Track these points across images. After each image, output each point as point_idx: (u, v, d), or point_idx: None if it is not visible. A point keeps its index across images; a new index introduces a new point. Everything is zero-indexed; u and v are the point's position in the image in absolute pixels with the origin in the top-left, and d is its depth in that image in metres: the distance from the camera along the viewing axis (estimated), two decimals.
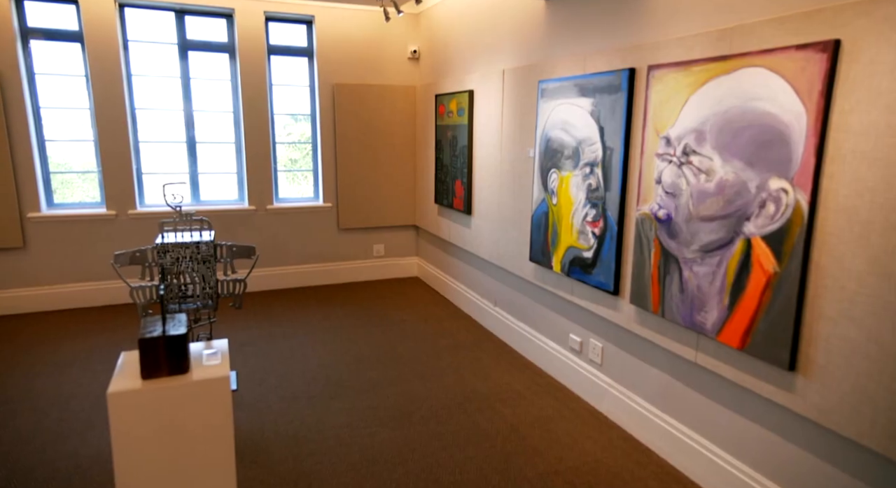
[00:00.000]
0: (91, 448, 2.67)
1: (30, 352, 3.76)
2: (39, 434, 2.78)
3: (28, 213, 4.38)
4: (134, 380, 1.64)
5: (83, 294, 4.63)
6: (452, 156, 4.56)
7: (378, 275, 5.66)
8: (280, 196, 5.25)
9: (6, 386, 3.27)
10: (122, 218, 4.66)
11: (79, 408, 3.03)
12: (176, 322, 1.78)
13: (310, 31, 5.05)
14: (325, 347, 3.92)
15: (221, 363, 1.76)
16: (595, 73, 2.84)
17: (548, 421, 2.95)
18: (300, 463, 2.57)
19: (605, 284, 2.86)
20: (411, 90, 5.34)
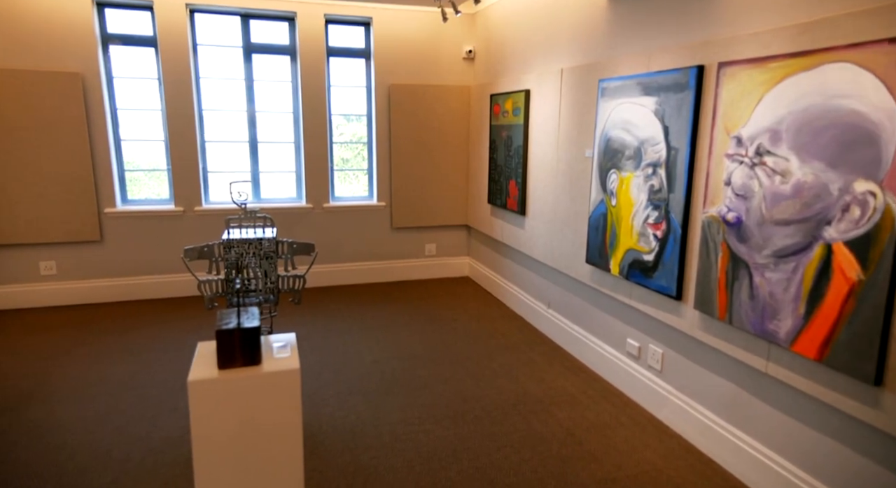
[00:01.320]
0: (162, 431, 2.81)
1: (105, 339, 3.99)
2: (115, 416, 2.94)
3: (105, 209, 4.65)
4: (211, 370, 1.72)
5: (153, 286, 4.88)
6: (507, 156, 4.54)
7: (429, 274, 5.70)
8: (335, 195, 5.37)
9: (85, 370, 3.48)
10: (189, 214, 4.88)
11: (150, 394, 3.19)
12: (250, 315, 1.85)
13: (367, 32, 5.14)
14: (378, 344, 3.98)
15: (291, 356, 1.82)
16: (660, 71, 2.76)
17: (605, 427, 2.89)
18: (357, 456, 2.62)
19: (667, 288, 2.78)
20: (466, 90, 5.35)
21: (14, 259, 4.52)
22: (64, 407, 3.03)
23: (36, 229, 4.48)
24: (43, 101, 4.31)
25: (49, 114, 4.34)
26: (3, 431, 2.77)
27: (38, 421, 2.88)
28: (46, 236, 4.52)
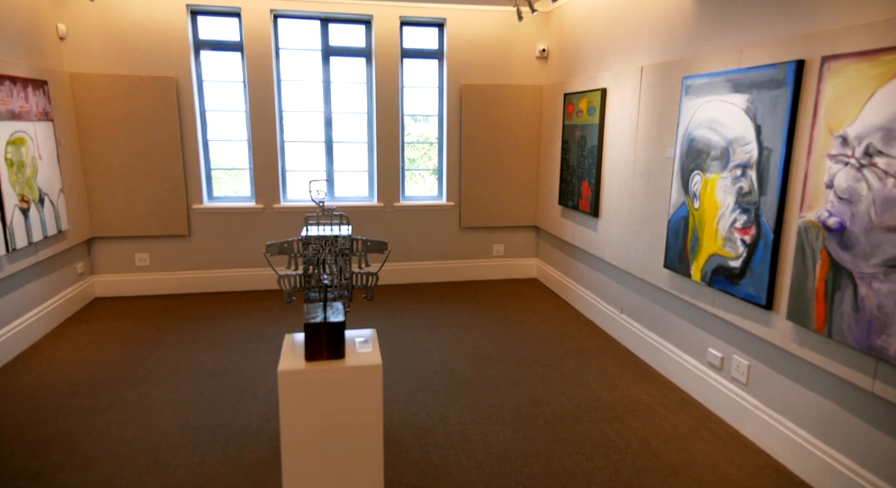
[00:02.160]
0: (244, 418, 2.95)
1: (192, 327, 4.24)
2: (201, 401, 3.13)
3: (193, 205, 4.95)
4: (299, 361, 1.79)
5: (235, 278, 5.15)
6: (580, 156, 4.44)
7: (497, 274, 5.68)
8: (405, 194, 5.45)
9: (174, 356, 3.72)
10: (269, 211, 5.10)
11: (232, 382, 3.37)
12: (335, 309, 1.91)
13: (441, 33, 5.18)
14: (446, 343, 4.01)
15: (373, 351, 1.87)
16: (752, 67, 2.61)
17: (683, 439, 2.77)
18: (427, 454, 2.65)
19: (756, 297, 2.62)
20: (538, 89, 5.29)
21: (114, 250, 4.90)
22: (156, 389, 3.24)
23: (133, 224, 4.83)
24: (141, 103, 4.64)
25: (146, 116, 4.67)
26: (104, 410, 3.01)
27: (133, 401, 3.10)
28: (142, 230, 4.86)
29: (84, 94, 4.54)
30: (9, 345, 3.62)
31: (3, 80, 3.52)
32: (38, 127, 3.93)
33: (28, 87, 3.81)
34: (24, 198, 3.73)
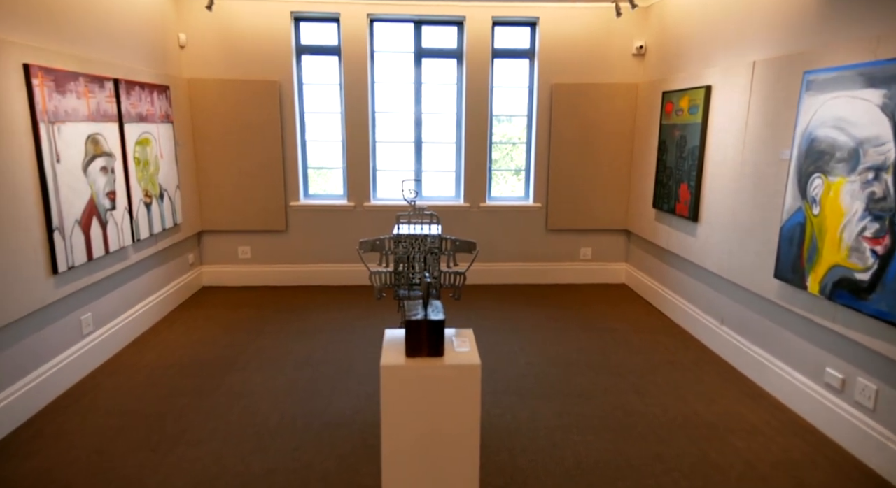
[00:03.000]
0: (336, 408, 3.06)
1: (288, 318, 4.47)
2: (297, 390, 3.28)
3: (290, 202, 5.21)
4: (400, 357, 1.83)
5: (327, 273, 5.37)
6: (679, 157, 4.22)
7: (584, 278, 5.52)
8: (491, 194, 5.44)
9: (272, 345, 3.93)
10: (359, 209, 5.28)
11: (325, 373, 3.51)
12: (435, 308, 1.94)
13: (533, 32, 5.12)
14: (531, 346, 3.95)
15: (471, 351, 1.87)
16: (891, 59, 2.35)
17: (795, 466, 2.55)
18: (514, 457, 2.62)
19: (888, 314, 2.36)
20: (633, 88, 5.08)
21: (220, 243, 5.27)
22: (257, 376, 3.44)
23: (237, 219, 5.17)
24: (248, 106, 4.95)
25: (252, 118, 4.97)
26: (211, 392, 3.23)
27: (236, 386, 3.31)
28: (244, 225, 5.19)
29: (199, 98, 4.91)
30: (133, 326, 3.98)
31: (134, 86, 3.88)
32: (161, 128, 4.30)
33: (153, 92, 4.18)
34: (148, 193, 4.09)
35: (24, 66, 2.84)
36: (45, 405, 3.02)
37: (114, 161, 3.64)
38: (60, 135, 3.10)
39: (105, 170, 3.55)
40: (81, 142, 3.30)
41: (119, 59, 3.79)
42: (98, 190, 3.46)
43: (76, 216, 3.24)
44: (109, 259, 3.61)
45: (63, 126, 3.13)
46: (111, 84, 3.61)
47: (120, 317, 3.85)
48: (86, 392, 3.19)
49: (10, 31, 2.78)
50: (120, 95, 3.69)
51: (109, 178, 3.60)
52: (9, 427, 2.76)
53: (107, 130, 3.56)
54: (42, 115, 2.95)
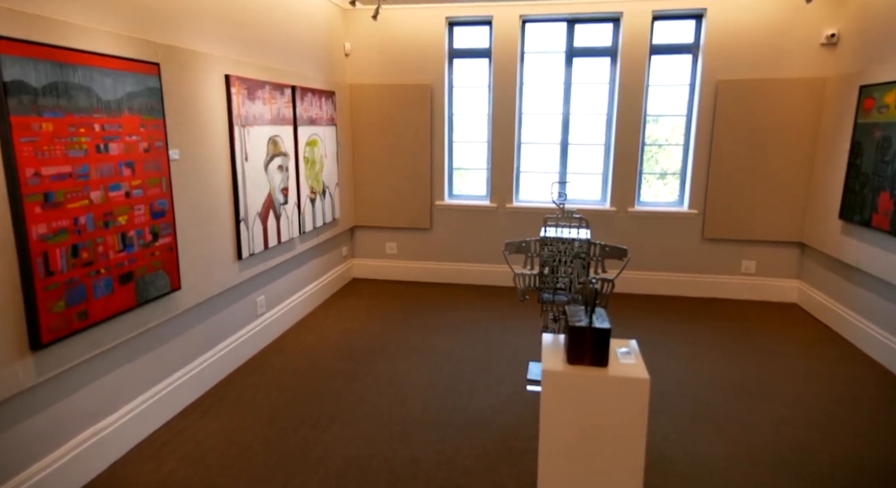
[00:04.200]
0: (476, 405, 3.09)
1: (431, 314, 4.62)
2: (439, 383, 3.37)
3: (435, 201, 5.39)
4: (561, 363, 1.79)
5: (469, 272, 5.47)
6: (879, 161, 3.63)
7: (745, 294, 5.00)
8: (640, 199, 5.14)
9: (416, 338, 4.08)
10: (501, 210, 5.30)
11: (465, 369, 3.56)
12: (600, 315, 1.86)
13: (698, 25, 4.74)
14: (683, 363, 3.65)
15: (637, 364, 1.77)
16: None
17: None
18: (666, 481, 2.43)
19: None
20: (818, 83, 4.48)
21: (370, 238, 5.61)
22: (402, 367, 3.60)
23: (386, 215, 5.47)
24: (401, 109, 5.21)
25: (404, 120, 5.22)
26: (362, 377, 3.44)
27: (384, 374, 3.49)
28: (392, 222, 5.47)
29: (358, 102, 5.27)
30: (296, 310, 4.39)
31: (307, 92, 4.27)
32: (326, 131, 4.69)
33: (322, 97, 4.56)
34: (313, 190, 4.48)
35: (226, 77, 3.25)
36: (226, 375, 3.44)
37: (288, 160, 4.04)
38: (249, 137, 3.51)
39: (281, 168, 3.95)
40: (264, 143, 3.70)
41: (296, 67, 4.19)
42: (275, 186, 3.86)
43: (257, 209, 3.64)
44: (280, 248, 4.00)
45: (251, 129, 3.53)
46: (289, 91, 4.00)
47: (286, 301, 4.26)
48: (258, 366, 3.58)
49: (216, 46, 3.20)
50: (296, 101, 4.09)
51: (284, 176, 3.99)
52: (199, 391, 3.18)
53: (284, 132, 3.96)
54: (237, 119, 3.36)
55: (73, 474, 2.32)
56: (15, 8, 1.98)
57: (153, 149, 2.66)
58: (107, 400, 2.53)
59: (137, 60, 2.53)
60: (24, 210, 2.00)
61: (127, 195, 2.51)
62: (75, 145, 2.22)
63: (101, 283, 2.36)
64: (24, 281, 2.03)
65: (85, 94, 2.25)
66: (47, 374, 2.14)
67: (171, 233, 2.80)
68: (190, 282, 2.97)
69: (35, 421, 2.17)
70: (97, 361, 2.45)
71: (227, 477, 2.44)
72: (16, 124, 1.96)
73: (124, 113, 2.47)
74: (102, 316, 2.38)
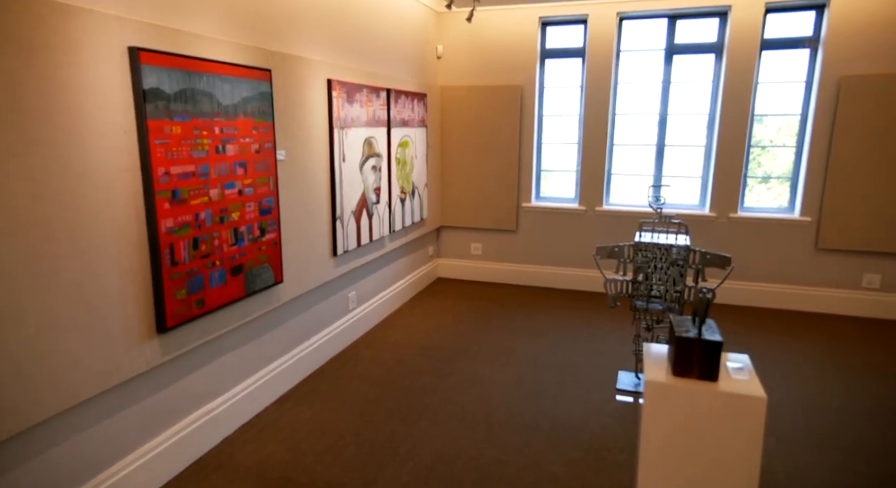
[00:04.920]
0: (563, 411, 3.02)
1: (515, 316, 4.59)
2: (524, 386, 3.33)
3: (522, 203, 5.34)
4: (667, 375, 1.71)
5: (555, 276, 5.38)
6: None
7: (867, 311, 4.53)
8: (744, 205, 4.81)
9: (500, 340, 4.07)
10: (590, 213, 5.15)
11: (550, 375, 3.49)
12: (710, 327, 1.76)
13: (819, 17, 4.36)
14: (793, 384, 3.37)
15: (751, 380, 1.65)
16: None
17: None
18: None
19: None
20: None
21: (455, 239, 5.66)
22: (486, 367, 3.60)
23: (472, 216, 5.49)
24: (491, 110, 5.21)
25: (493, 121, 5.22)
26: (447, 375, 3.48)
27: (469, 374, 3.50)
28: (478, 223, 5.49)
29: (448, 104, 5.34)
30: (384, 307, 4.52)
31: (400, 95, 4.38)
32: (417, 132, 4.78)
33: (414, 99, 4.66)
34: (403, 190, 4.59)
35: (328, 81, 3.40)
36: (319, 366, 3.60)
37: (381, 161, 4.16)
38: (346, 139, 3.65)
39: (375, 169, 4.07)
40: (360, 144, 3.83)
41: (391, 71, 4.31)
42: (368, 186, 3.99)
43: (352, 208, 3.78)
44: (371, 246, 4.13)
45: (349, 131, 3.67)
46: (384, 93, 4.12)
47: (375, 298, 4.39)
48: (349, 359, 3.71)
49: (319, 52, 3.36)
50: (390, 103, 4.20)
51: (377, 176, 4.12)
52: (295, 379, 3.35)
53: (378, 134, 4.08)
54: (336, 121, 3.51)
55: (186, 450, 2.52)
56: (154, 22, 2.19)
57: (263, 150, 2.84)
58: (216, 383, 2.73)
59: (253, 67, 2.71)
60: (156, 205, 2.21)
61: (239, 193, 2.69)
62: (198, 146, 2.42)
63: (215, 274, 2.55)
64: (154, 270, 2.24)
65: (208, 100, 2.45)
66: (169, 356, 2.35)
67: (276, 229, 2.98)
68: (291, 276, 3.14)
69: (156, 399, 2.38)
70: (209, 346, 2.65)
71: (321, 464, 2.56)
72: (152, 128, 2.17)
73: (240, 116, 2.66)
74: (216, 304, 2.57)
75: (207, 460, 2.57)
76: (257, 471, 2.48)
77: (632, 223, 4.97)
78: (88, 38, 1.92)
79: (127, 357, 2.14)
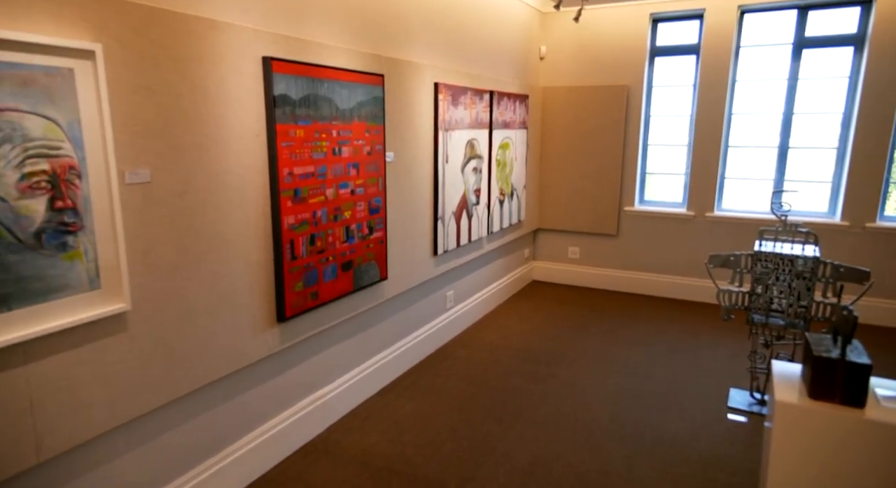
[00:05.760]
0: (669, 426, 2.87)
1: (614, 324, 4.43)
2: (627, 397, 3.20)
3: (624, 207, 5.15)
4: (801, 396, 1.58)
5: (658, 284, 5.14)
6: None
7: None
8: (885, 212, 4.31)
9: (599, 348, 3.95)
10: (699, 219, 4.86)
11: (654, 387, 3.34)
12: (855, 348, 1.61)
13: None
14: None
15: None
16: None
17: None
18: None
19: None
20: None
21: (552, 241, 5.58)
22: (585, 374, 3.51)
23: (570, 219, 5.38)
24: (594, 111, 5.07)
25: (596, 122, 5.08)
26: (544, 379, 3.43)
27: (566, 379, 3.43)
28: (576, 226, 5.36)
29: (549, 105, 5.27)
30: (479, 308, 4.55)
31: (503, 97, 4.39)
32: (518, 134, 4.76)
33: (516, 101, 4.65)
34: (502, 191, 4.59)
35: (434, 84, 3.48)
36: (418, 361, 3.70)
37: (482, 163, 4.19)
38: (450, 141, 3.72)
39: (476, 170, 4.11)
40: (462, 146, 3.89)
41: (494, 73, 4.33)
42: (469, 187, 4.04)
43: (453, 208, 3.84)
44: (469, 247, 4.18)
45: (452, 133, 3.74)
46: (487, 95, 4.15)
47: (471, 298, 4.43)
48: (446, 357, 3.78)
49: (427, 56, 3.45)
50: (493, 105, 4.22)
51: (477, 178, 4.15)
52: (395, 373, 3.47)
53: (480, 136, 4.11)
54: (441, 123, 3.58)
55: (297, 433, 2.69)
56: (284, 33, 2.36)
57: (374, 152, 2.96)
58: (325, 372, 2.89)
59: (368, 73, 2.84)
60: (280, 203, 2.38)
61: (352, 193, 2.83)
62: (318, 149, 2.57)
63: (328, 269, 2.70)
64: (276, 263, 2.41)
65: (327, 104, 2.60)
66: (286, 343, 2.52)
67: (382, 228, 3.10)
68: (394, 274, 3.25)
69: (273, 384, 2.56)
70: (320, 337, 2.81)
71: (421, 457, 2.62)
72: (279, 131, 2.34)
73: (354, 120, 2.79)
74: (328, 297, 2.72)
75: (316, 444, 2.73)
76: (361, 459, 2.60)
77: (746, 230, 4.63)
78: (230, 50, 2.11)
79: (252, 342, 2.32)
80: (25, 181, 1.52)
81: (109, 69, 1.70)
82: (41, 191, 1.56)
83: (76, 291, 1.67)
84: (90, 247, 1.69)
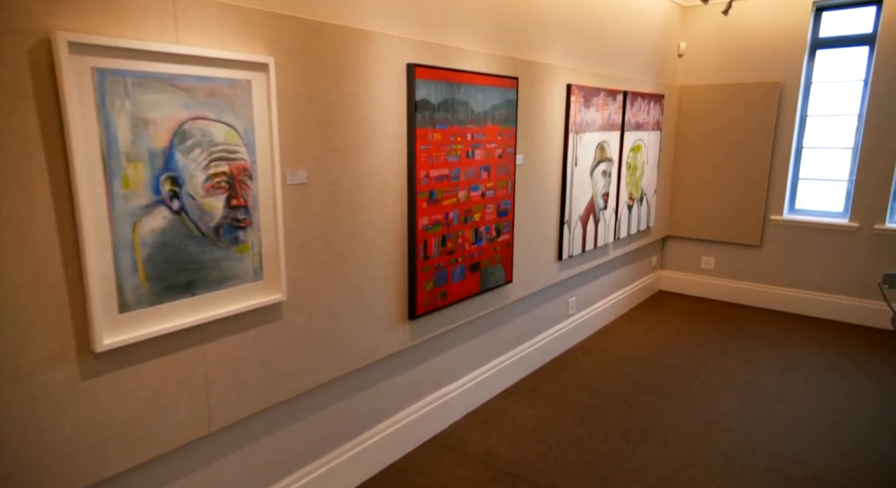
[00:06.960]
0: (824, 463, 2.56)
1: (755, 343, 4.05)
2: (772, 426, 2.90)
3: (771, 215, 4.68)
4: None
5: (809, 301, 4.61)
6: None
7: None
8: None
9: (736, 367, 3.62)
10: (865, 231, 4.28)
11: (806, 416, 2.99)
12: None
13: None
14: None
15: None
16: None
17: None
18: None
19: None
20: None
21: (683, 250, 5.22)
22: (721, 395, 3.23)
23: (704, 227, 5.00)
24: (738, 110, 4.66)
25: (740, 122, 4.66)
26: (675, 397, 3.21)
27: (700, 400, 3.19)
28: (711, 235, 4.97)
29: (687, 105, 4.93)
30: (602, 316, 4.39)
31: (637, 97, 4.18)
32: (650, 136, 4.52)
33: (650, 101, 4.41)
34: (632, 196, 4.38)
35: (567, 86, 3.41)
36: (539, 366, 3.65)
37: (612, 166, 4.03)
38: (580, 143, 3.62)
39: (605, 173, 3.96)
40: (592, 148, 3.76)
41: (627, 72, 4.14)
42: (597, 191, 3.90)
43: (579, 213, 3.74)
44: (595, 253, 4.04)
45: (583, 135, 3.63)
46: (620, 96, 3.98)
47: (594, 305, 4.29)
48: (567, 364, 3.69)
49: (560, 57, 3.38)
50: (625, 106, 4.04)
51: (606, 181, 4.00)
52: (516, 377, 3.45)
53: (611, 138, 3.96)
54: (572, 125, 3.50)
55: (423, 428, 2.78)
56: (426, 40, 2.44)
57: (505, 155, 2.97)
58: (450, 370, 2.95)
59: (503, 76, 2.85)
60: (416, 205, 2.46)
61: (482, 195, 2.85)
62: (453, 152, 2.63)
63: (457, 270, 2.75)
64: (410, 263, 2.50)
65: (464, 108, 2.64)
66: (416, 340, 2.60)
67: (510, 231, 3.09)
68: (519, 277, 3.23)
69: (403, 378, 2.66)
70: (447, 336, 2.88)
71: (544, 463, 2.58)
72: (418, 135, 2.42)
73: (488, 123, 2.81)
74: (456, 298, 2.77)
75: (439, 440, 2.79)
76: (484, 460, 2.62)
77: None
78: (379, 58, 2.22)
79: (386, 337, 2.43)
80: (210, 181, 1.72)
81: (278, 80, 1.87)
82: (221, 191, 1.75)
83: (244, 281, 1.85)
84: (256, 241, 1.87)
